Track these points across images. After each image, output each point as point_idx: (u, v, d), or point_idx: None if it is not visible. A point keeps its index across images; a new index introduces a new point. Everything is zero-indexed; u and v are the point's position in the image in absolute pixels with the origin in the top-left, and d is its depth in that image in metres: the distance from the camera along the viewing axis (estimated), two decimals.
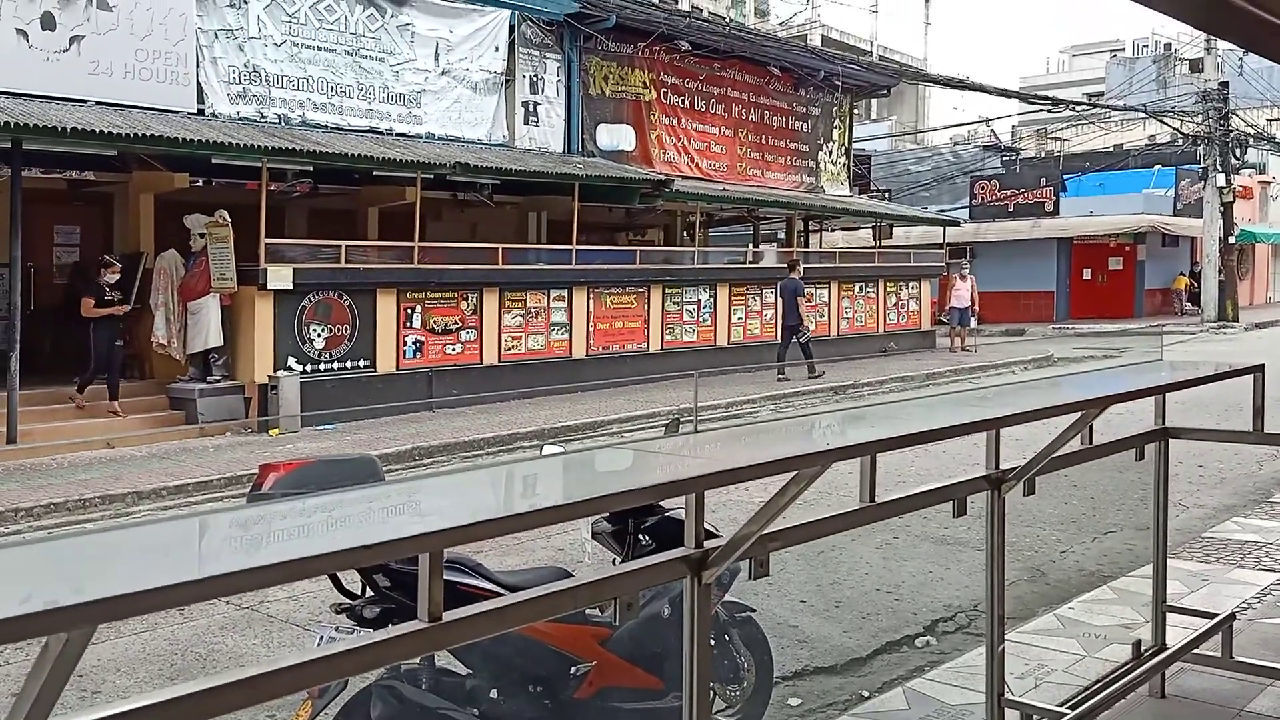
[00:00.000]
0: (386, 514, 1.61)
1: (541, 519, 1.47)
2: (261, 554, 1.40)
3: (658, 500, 1.70)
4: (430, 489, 1.78)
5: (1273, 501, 7.28)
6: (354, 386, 13.00)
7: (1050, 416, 2.46)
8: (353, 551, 1.30)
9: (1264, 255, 36.98)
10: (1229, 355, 19.25)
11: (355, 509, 1.64)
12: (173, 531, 1.52)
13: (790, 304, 17.30)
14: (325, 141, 13.19)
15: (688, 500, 1.80)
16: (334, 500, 1.63)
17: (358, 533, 1.46)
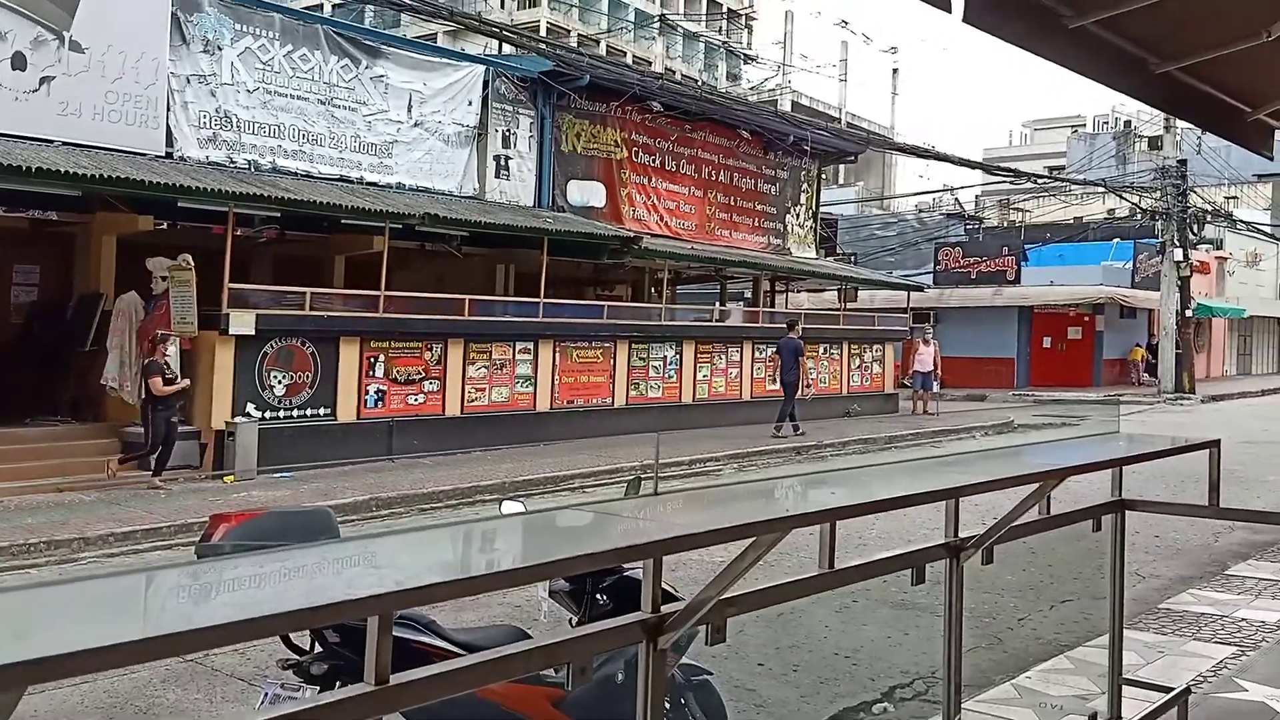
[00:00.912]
0: (337, 572, 1.57)
1: (496, 582, 1.44)
2: (205, 614, 1.35)
3: (615, 564, 1.68)
4: (383, 547, 1.74)
5: (1229, 574, 7.34)
6: (313, 435, 12.84)
7: (1009, 487, 2.47)
8: (301, 613, 1.27)
9: (1220, 329, 37.78)
10: (1185, 427, 19.54)
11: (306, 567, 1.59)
12: (113, 587, 1.47)
13: (790, 362, 17.62)
14: (294, 188, 13.17)
15: (645, 565, 1.78)
16: (284, 558, 1.59)
17: (307, 593, 1.42)
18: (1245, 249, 38.29)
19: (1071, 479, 2.88)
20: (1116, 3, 5.02)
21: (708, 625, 1.96)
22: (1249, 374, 39.97)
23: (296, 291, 13.24)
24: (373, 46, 15.46)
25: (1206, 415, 23.05)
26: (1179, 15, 5.30)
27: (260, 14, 14.16)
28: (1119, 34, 5.48)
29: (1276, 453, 14.34)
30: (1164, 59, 5.85)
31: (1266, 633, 5.75)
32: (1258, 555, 7.84)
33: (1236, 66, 6.23)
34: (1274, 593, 6.64)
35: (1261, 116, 7.29)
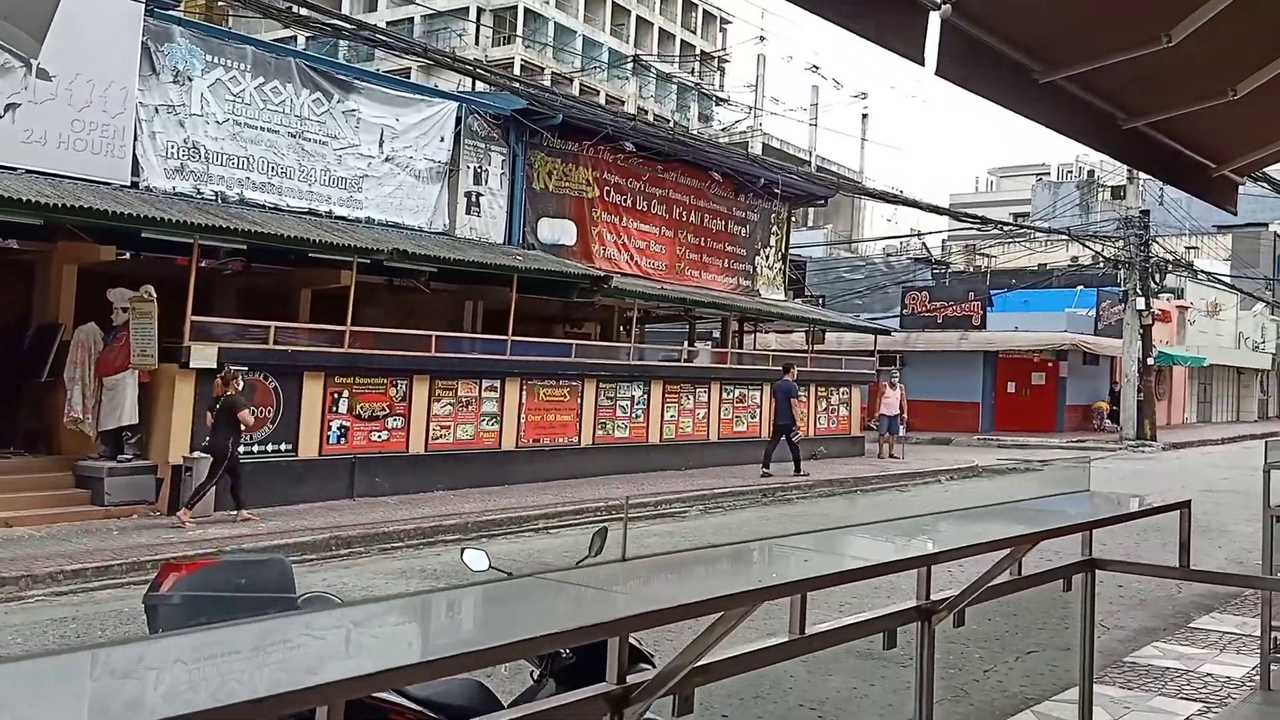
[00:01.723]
0: (284, 654, 1.48)
1: (453, 666, 1.36)
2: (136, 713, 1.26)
3: (580, 642, 1.61)
4: (334, 623, 1.65)
5: (1193, 627, 7.33)
6: (274, 471, 12.61)
7: (982, 553, 2.43)
8: (244, 705, 1.17)
9: (1181, 377, 38.32)
10: (1147, 475, 19.71)
11: (254, 646, 1.50)
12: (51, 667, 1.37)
13: (784, 404, 17.80)
14: (261, 221, 13.04)
15: (611, 642, 1.70)
16: (227, 637, 1.49)
17: (250, 682, 1.33)
18: (1205, 299, 38.97)
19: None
20: (1086, 59, 5.08)
21: (675, 697, 1.88)
22: (1209, 422, 40.54)
23: (260, 325, 13.07)
24: (345, 81, 15.42)
25: (1168, 463, 23.28)
26: (1147, 72, 5.38)
27: (232, 46, 14.10)
28: (1088, 89, 5.55)
29: (1238, 502, 14.46)
30: (1131, 115, 5.92)
31: (1232, 689, 5.72)
32: (1221, 608, 7.84)
33: (1202, 123, 6.32)
34: (1238, 647, 6.63)
35: (1226, 172, 7.40)
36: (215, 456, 11.33)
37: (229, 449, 11.36)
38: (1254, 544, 9.95)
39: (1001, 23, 4.64)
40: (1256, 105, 5.85)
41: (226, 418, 11.40)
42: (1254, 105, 5.82)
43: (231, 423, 11.42)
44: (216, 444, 11.37)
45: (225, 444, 11.33)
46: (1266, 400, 47.19)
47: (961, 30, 4.40)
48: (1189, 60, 5.22)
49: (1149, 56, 4.92)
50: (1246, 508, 12.99)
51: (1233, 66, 5.56)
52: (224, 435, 11.36)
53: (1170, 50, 4.83)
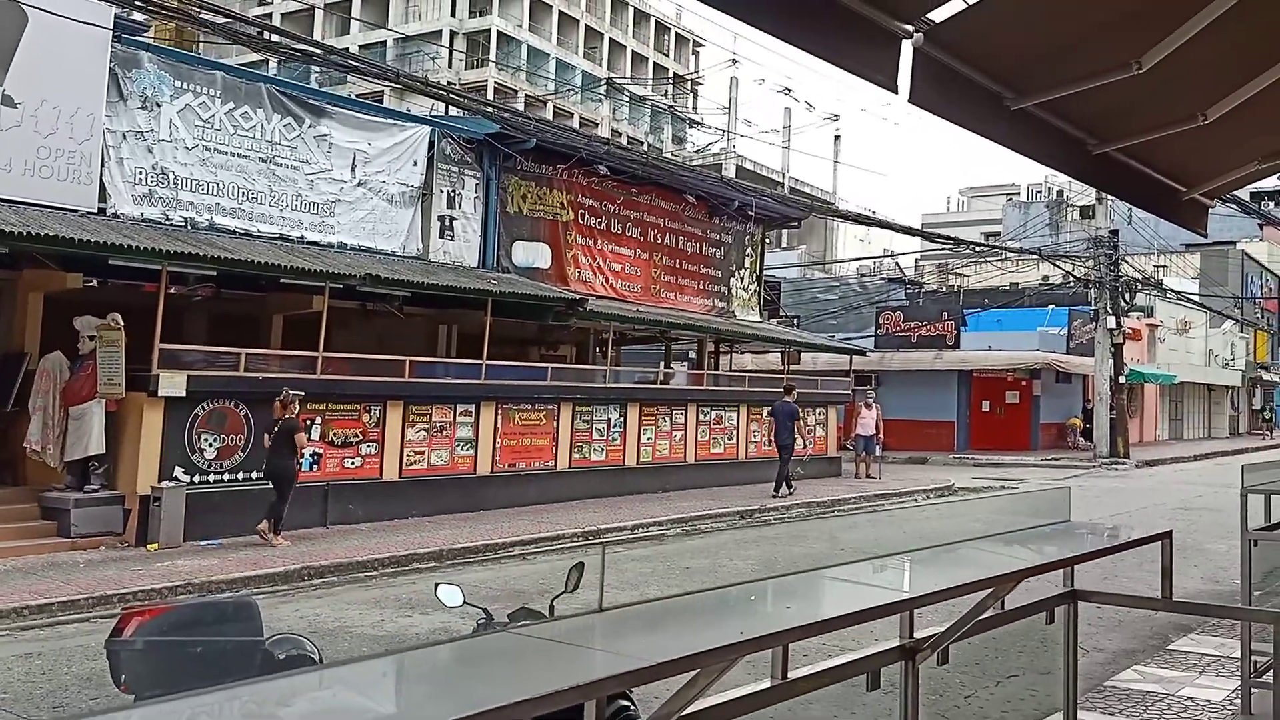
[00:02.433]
0: None
1: None
2: None
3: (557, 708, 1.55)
4: (296, 689, 1.57)
5: (1172, 649, 7.32)
6: (245, 499, 12.41)
7: (965, 594, 2.38)
8: None
9: (1152, 395, 38.67)
10: (1122, 493, 19.82)
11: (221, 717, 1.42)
12: None
13: (784, 425, 18.26)
14: (231, 247, 12.91)
15: (588, 704, 1.64)
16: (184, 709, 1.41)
17: None
18: (1175, 317, 39.40)
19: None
20: (1057, 86, 5.10)
21: None
22: (1180, 438, 40.90)
23: (231, 352, 12.91)
24: (316, 105, 15.34)
25: (1142, 481, 23.42)
26: (1118, 99, 5.41)
27: (201, 71, 13.99)
28: (1059, 116, 5.57)
29: (1212, 520, 14.54)
30: (1102, 140, 5.95)
31: (1213, 713, 5.70)
32: (1199, 629, 7.84)
33: (1172, 148, 6.37)
34: (1217, 669, 6.62)
35: (1197, 196, 7.46)
36: (277, 476, 11.84)
37: (291, 468, 11.89)
38: (1229, 562, 9.99)
39: (973, 51, 4.64)
40: (1226, 129, 5.90)
41: (285, 439, 11.85)
42: (1224, 129, 5.86)
43: (289, 444, 11.85)
44: (276, 465, 11.86)
45: (287, 463, 11.85)
46: (1237, 417, 47.70)
47: (933, 58, 4.40)
48: (1159, 86, 5.25)
49: (1119, 83, 4.95)
50: (1221, 525, 13.07)
51: (1202, 92, 5.60)
52: (283, 456, 11.86)
53: (1140, 77, 4.85)
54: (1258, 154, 7.14)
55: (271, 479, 11.87)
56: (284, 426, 11.87)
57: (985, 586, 2.48)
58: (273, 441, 11.92)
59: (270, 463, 11.92)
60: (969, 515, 4.32)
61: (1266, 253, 52.22)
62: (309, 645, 3.29)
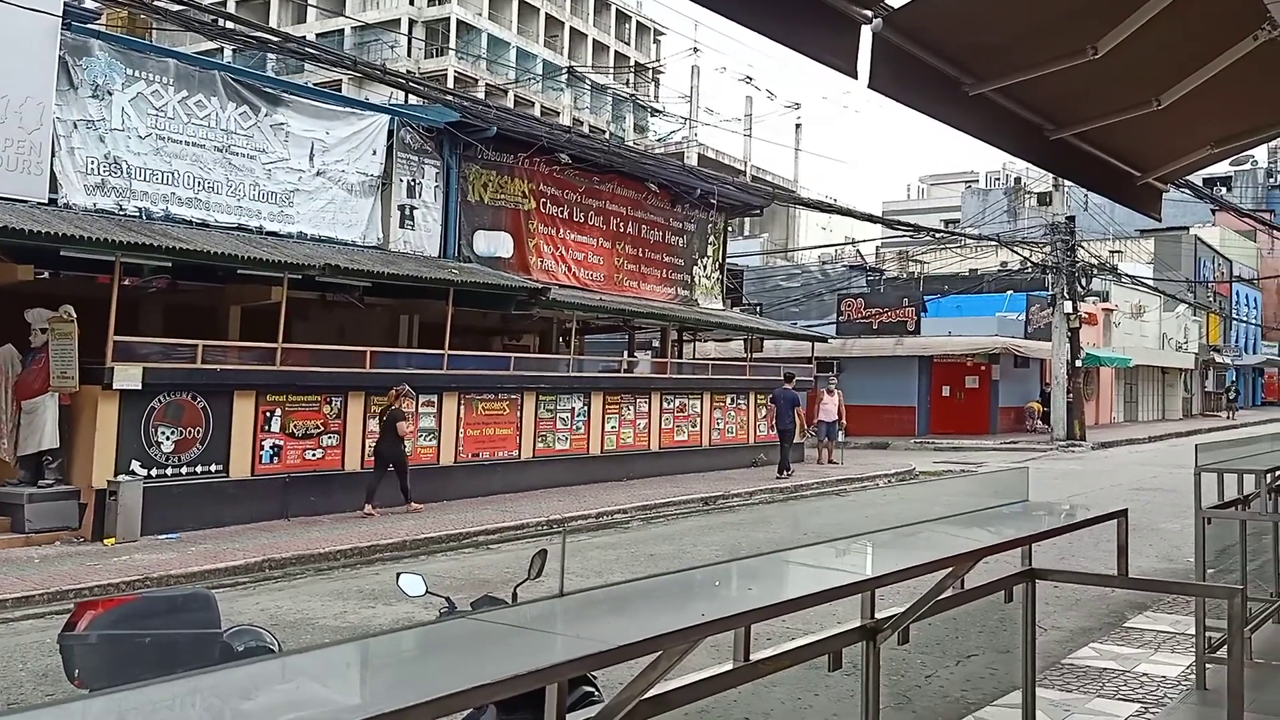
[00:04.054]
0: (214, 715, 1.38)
1: None
2: None
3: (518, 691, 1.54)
4: (253, 678, 1.54)
5: (1128, 626, 7.45)
6: (203, 493, 12.28)
7: (925, 573, 2.41)
8: None
9: (1108, 378, 39.27)
10: (1079, 475, 20.13)
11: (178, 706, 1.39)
12: None
13: (785, 411, 19.39)
14: (187, 238, 12.71)
15: (549, 686, 1.63)
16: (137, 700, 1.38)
17: None
18: (1130, 301, 40.02)
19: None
20: (1014, 71, 5.15)
21: None
22: (1135, 421, 41.58)
23: (188, 344, 12.72)
24: (273, 94, 15.13)
25: (1098, 462, 23.79)
26: (1074, 84, 5.47)
27: (154, 59, 13.74)
28: (1016, 101, 5.63)
29: (1166, 500, 14.82)
30: (1059, 126, 6.02)
31: (1168, 689, 5.81)
32: (1155, 607, 7.98)
33: (1127, 133, 6.46)
34: (1172, 646, 6.75)
35: (1151, 180, 7.57)
36: (393, 460, 13.48)
37: (401, 451, 13.59)
38: (1183, 541, 10.18)
39: (932, 37, 4.67)
40: (1179, 115, 5.99)
41: (388, 427, 13.47)
42: (1177, 115, 5.95)
43: (394, 431, 13.45)
44: (386, 449, 13.48)
45: (395, 448, 13.50)
46: (1190, 399, 48.59)
47: (893, 44, 4.42)
48: (1114, 72, 5.32)
49: (1076, 69, 5.01)
50: (1175, 504, 13.32)
51: (1157, 78, 5.68)
52: (391, 441, 13.47)
53: (1096, 63, 4.91)
54: (1210, 139, 7.26)
55: (391, 463, 13.46)
56: (391, 415, 13.46)
57: (944, 566, 2.51)
58: (382, 429, 13.52)
59: (381, 448, 13.53)
60: (929, 498, 4.36)
61: (1219, 238, 53.20)
62: (268, 637, 3.26)
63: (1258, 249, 58.77)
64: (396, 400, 13.60)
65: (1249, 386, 58.34)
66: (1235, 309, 54.54)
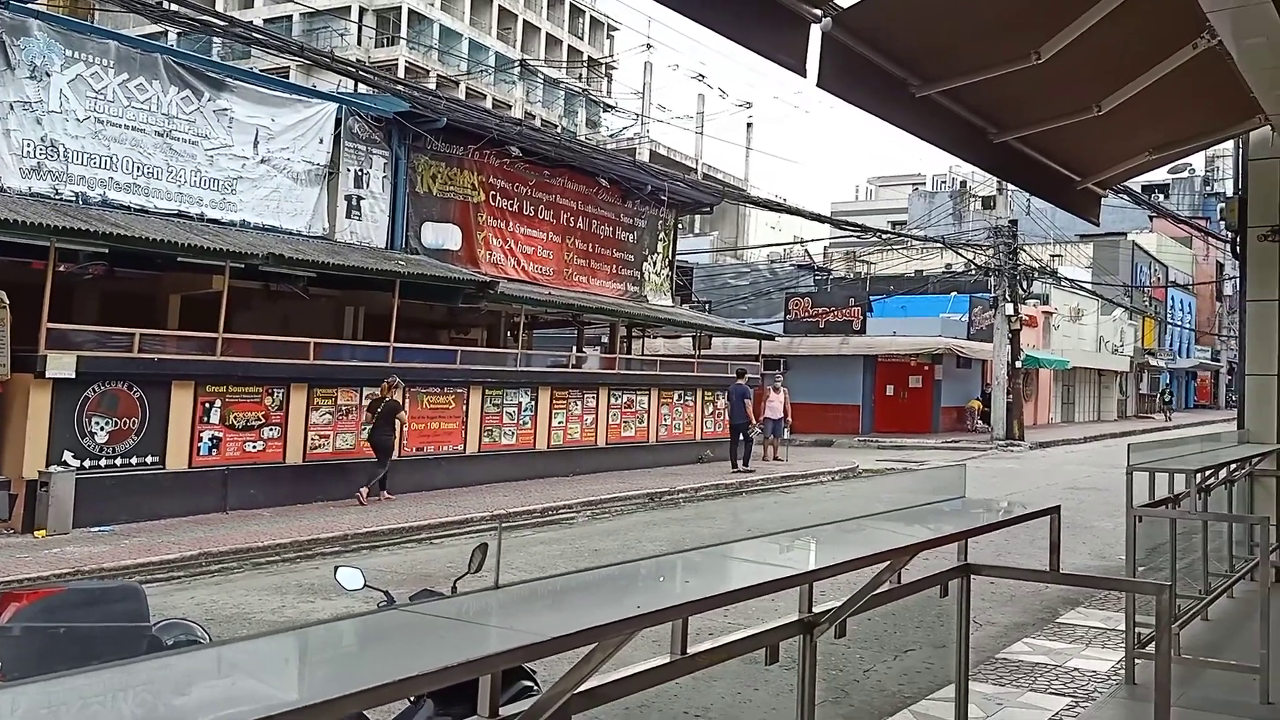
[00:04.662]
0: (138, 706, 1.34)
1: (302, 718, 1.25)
2: None
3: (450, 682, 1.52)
4: (177, 668, 1.51)
5: (1060, 622, 7.60)
6: (139, 484, 12.02)
7: (862, 567, 2.43)
8: None
9: (1046, 379, 40.05)
10: (1018, 474, 20.51)
11: (100, 696, 1.35)
12: None
13: (738, 406, 19.66)
14: (125, 223, 12.43)
15: (481, 679, 1.61)
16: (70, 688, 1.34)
17: None
18: (1069, 304, 40.85)
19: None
20: (960, 75, 5.24)
21: None
22: (1072, 422, 42.47)
23: (124, 332, 12.44)
24: (217, 79, 14.84)
25: (1035, 462, 24.26)
26: (1017, 89, 5.58)
27: (94, 40, 13.40)
28: (961, 104, 5.73)
29: (1100, 498, 15.15)
30: (1002, 129, 6.15)
31: (1098, 683, 5.93)
32: (1086, 602, 8.15)
33: (1068, 138, 6.61)
34: (1103, 641, 6.89)
35: (1090, 185, 7.76)
36: (379, 448, 13.82)
37: (390, 442, 13.92)
38: (1115, 539, 10.41)
39: (880, 38, 4.73)
40: (1119, 121, 6.14)
41: (386, 419, 13.82)
42: (1117, 121, 6.10)
43: (391, 422, 13.89)
44: (379, 439, 13.82)
45: (387, 439, 13.85)
46: (1125, 400, 49.73)
47: (841, 44, 4.46)
48: (1057, 78, 5.43)
49: (1020, 73, 5.10)
50: (1108, 504, 13.63)
51: (1097, 84, 5.81)
52: (385, 432, 13.84)
53: (1039, 68, 5.01)
54: (1148, 145, 7.46)
55: (375, 449, 13.82)
56: (387, 407, 13.83)
57: (881, 560, 2.53)
58: (377, 419, 13.82)
59: (374, 436, 13.84)
60: (870, 494, 4.41)
61: (1155, 243, 54.50)
62: (199, 630, 3.19)
63: (1193, 255, 60.30)
64: (390, 391, 13.94)
65: (1182, 389, 59.89)
66: (1170, 314, 55.94)
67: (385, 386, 14.00)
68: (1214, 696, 5.42)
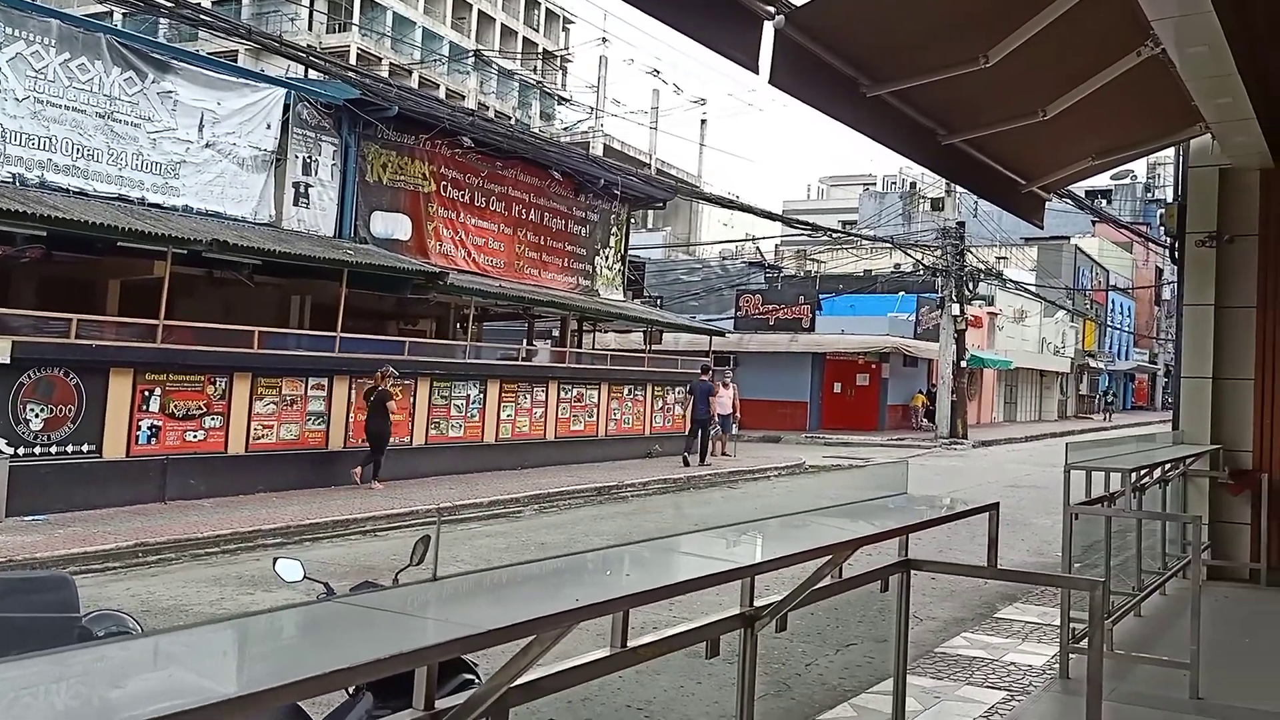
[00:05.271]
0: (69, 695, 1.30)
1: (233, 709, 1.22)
2: None
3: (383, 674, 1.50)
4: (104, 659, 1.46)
5: (998, 617, 7.73)
6: (75, 473, 11.74)
7: (804, 561, 2.44)
8: None
9: (990, 379, 40.71)
10: (961, 472, 20.82)
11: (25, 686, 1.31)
12: None
13: (701, 401, 20.11)
14: (64, 206, 12.13)
15: (418, 672, 1.60)
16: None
17: None
18: (1013, 306, 41.54)
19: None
20: (910, 75, 5.29)
21: (486, 719, 1.79)
22: (1014, 421, 43.22)
23: (62, 317, 12.13)
24: (161, 60, 14.52)
25: (978, 460, 24.65)
26: (966, 91, 5.65)
27: (35, 19, 13.05)
28: (911, 105, 5.79)
29: (1039, 496, 15.44)
30: (951, 131, 6.22)
31: (1033, 677, 6.05)
32: (1024, 598, 8.30)
33: (1014, 141, 6.71)
34: (1039, 636, 7.03)
35: (1035, 189, 7.89)
36: (374, 435, 14.33)
37: (385, 429, 14.47)
38: (1053, 536, 10.61)
39: (831, 37, 4.76)
40: (1064, 126, 6.25)
41: (379, 406, 14.36)
42: (1061, 126, 6.21)
43: (383, 410, 14.41)
44: (373, 427, 14.34)
45: (379, 426, 14.37)
46: (1065, 401, 50.73)
47: (794, 41, 4.48)
48: (1004, 82, 5.51)
49: (968, 76, 5.16)
50: (1046, 502, 13.89)
51: (1043, 89, 5.90)
52: (378, 420, 14.36)
53: (987, 71, 5.07)
54: (1091, 151, 7.60)
55: (369, 437, 14.33)
56: (379, 395, 14.34)
57: (823, 554, 2.55)
58: (370, 408, 14.37)
59: (369, 424, 14.37)
60: (815, 490, 4.45)
61: (1097, 248, 55.63)
62: (131, 622, 3.12)
63: (1133, 260, 61.63)
64: (382, 381, 14.41)
65: (1121, 391, 61.23)
66: (1110, 316, 57.15)
67: (379, 376, 14.43)
68: (1145, 691, 5.55)
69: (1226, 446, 8.77)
